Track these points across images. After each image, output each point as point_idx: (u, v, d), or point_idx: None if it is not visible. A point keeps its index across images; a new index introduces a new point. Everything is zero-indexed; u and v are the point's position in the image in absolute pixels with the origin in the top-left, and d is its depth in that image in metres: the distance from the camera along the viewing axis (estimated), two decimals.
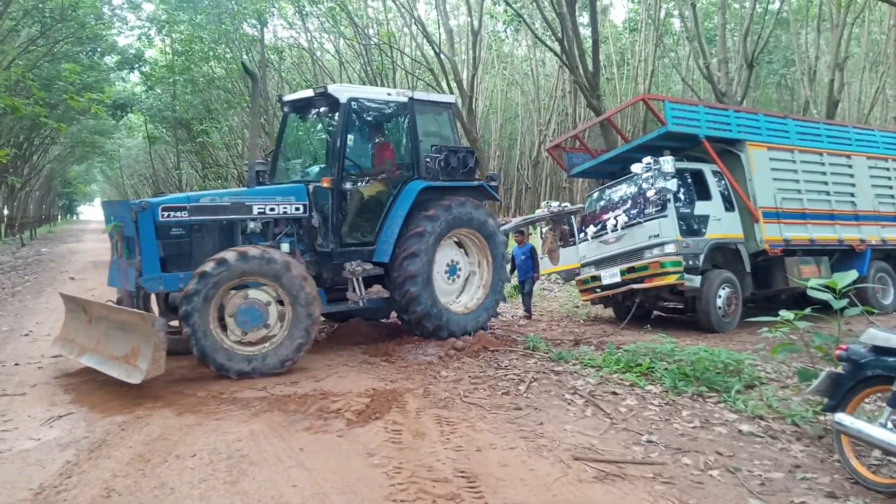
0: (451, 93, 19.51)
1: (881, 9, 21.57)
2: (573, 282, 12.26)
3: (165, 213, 6.70)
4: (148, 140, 32.76)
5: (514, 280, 11.81)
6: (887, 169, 12.22)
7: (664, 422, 5.20)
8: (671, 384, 6.07)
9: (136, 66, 26.01)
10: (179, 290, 6.49)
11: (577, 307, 12.91)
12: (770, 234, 10.49)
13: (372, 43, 23.65)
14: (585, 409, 5.53)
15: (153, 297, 7.26)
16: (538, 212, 12.63)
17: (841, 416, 4.04)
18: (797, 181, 11.10)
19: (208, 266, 6.28)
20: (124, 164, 45.46)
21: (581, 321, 11.60)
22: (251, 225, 7.33)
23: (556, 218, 11.53)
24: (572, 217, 11.80)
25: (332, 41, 27.97)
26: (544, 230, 11.78)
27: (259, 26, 23.64)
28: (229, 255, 6.37)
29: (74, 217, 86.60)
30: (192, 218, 6.88)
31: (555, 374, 6.66)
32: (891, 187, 12.17)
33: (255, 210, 7.25)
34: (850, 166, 11.75)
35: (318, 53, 28.29)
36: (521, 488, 3.94)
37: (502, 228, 10.71)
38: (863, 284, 10.30)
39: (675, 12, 25.67)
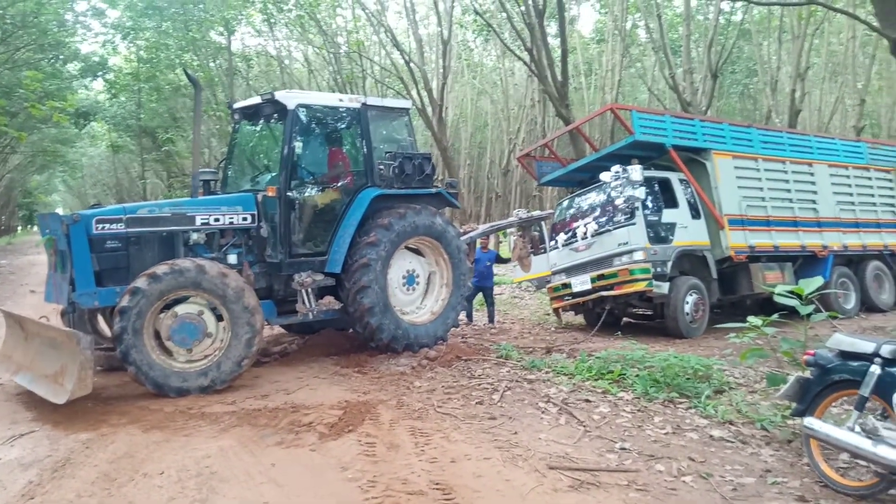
0: (422, 102, 19.52)
1: (839, 20, 22.24)
2: (544, 289, 12.32)
3: (100, 226, 6.48)
4: (112, 149, 32.15)
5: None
6: (847, 177, 12.53)
7: (637, 428, 5.23)
8: (643, 391, 6.12)
9: (100, 73, 25.55)
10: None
11: (548, 314, 12.96)
12: (735, 240, 10.68)
13: (341, 51, 23.59)
14: (559, 417, 5.55)
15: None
16: (507, 219, 12.69)
17: (810, 421, 4.10)
18: (761, 189, 11.33)
19: (124, 301, 6.05)
20: (87, 173, 44.52)
21: (552, 328, 11.64)
22: (194, 236, 7.08)
23: (525, 225, 11.58)
24: (542, 224, 11.86)
25: (301, 49, 27.81)
26: (514, 238, 11.81)
27: (226, 34, 23.40)
28: (140, 282, 6.13)
29: (35, 228, 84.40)
30: (130, 230, 6.65)
31: (528, 382, 6.67)
32: (851, 195, 12.48)
33: (199, 221, 7.04)
34: (811, 174, 12.03)
35: (287, 62, 28.12)
36: (497, 499, 3.93)
37: (467, 236, 10.72)
38: (826, 290, 10.55)
39: (641, 23, 26.09)
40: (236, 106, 8.36)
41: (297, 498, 3.96)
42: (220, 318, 6.54)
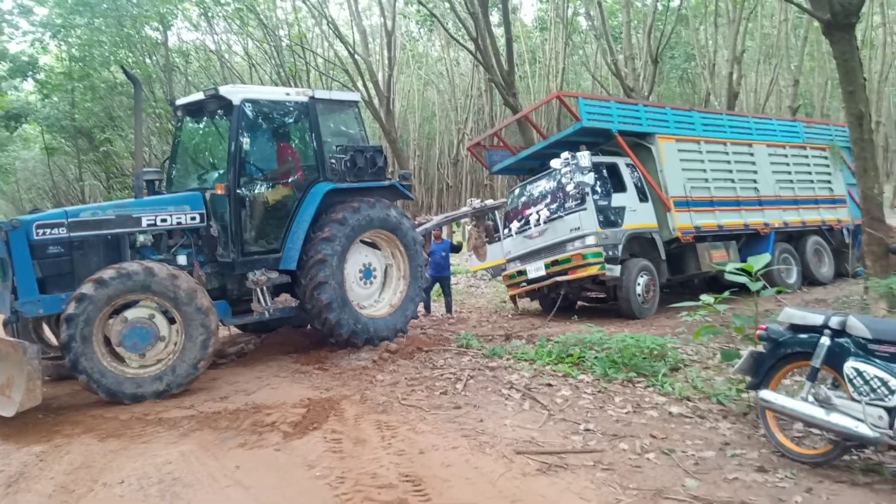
0: (368, 94, 19.34)
1: (772, 3, 22.95)
2: (500, 277, 12.41)
3: (40, 231, 6.23)
4: (46, 151, 30.85)
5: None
6: (785, 156, 13.00)
7: (599, 409, 5.33)
8: (602, 372, 6.23)
9: (30, 73, 24.43)
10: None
11: (504, 302, 13.08)
12: (682, 222, 10.98)
13: (283, 44, 23.15)
14: (523, 402, 5.60)
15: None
16: (460, 209, 12.72)
17: (765, 393, 4.25)
18: (704, 170, 11.65)
19: (71, 308, 5.81)
20: (21, 177, 42.62)
21: (509, 316, 11.75)
22: (141, 238, 6.87)
23: (479, 214, 11.64)
24: (495, 213, 11.94)
25: (241, 43, 27.20)
26: (469, 228, 11.85)
27: (162, 29, 22.69)
28: (86, 288, 5.87)
29: None
30: (73, 234, 6.40)
31: (490, 370, 6.71)
32: (789, 173, 12.94)
33: (145, 222, 6.83)
34: (751, 154, 12.43)
35: (227, 56, 27.45)
36: (467, 487, 3.94)
37: (422, 227, 10.70)
38: (769, 266, 10.94)
39: (582, 10, 26.42)
40: (179, 103, 8.11)
41: (265, 499, 3.90)
42: (172, 320, 6.36)
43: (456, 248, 12.39)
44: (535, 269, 10.83)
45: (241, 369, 7.27)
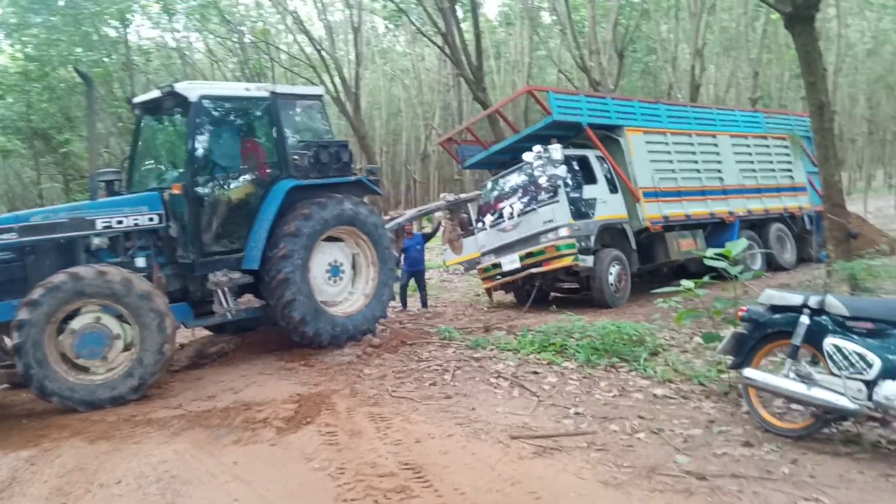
0: (336, 90, 19.26)
1: None
2: (474, 271, 12.52)
3: None
4: (0, 154, 29.94)
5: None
6: (748, 146, 13.36)
7: (586, 394, 5.48)
8: (585, 359, 6.38)
9: None
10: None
11: (479, 295, 13.19)
12: (651, 212, 11.22)
13: (246, 40, 22.88)
14: (512, 390, 5.72)
15: None
16: (433, 203, 12.79)
17: (748, 371, 4.44)
18: (671, 161, 11.92)
19: (16, 337, 5.64)
20: None
21: (485, 308, 11.86)
22: (96, 241, 6.67)
23: (453, 208, 11.71)
24: (469, 206, 12.03)
25: (203, 40, 26.78)
26: (443, 222, 11.93)
27: (122, 27, 22.21)
28: (22, 313, 5.67)
29: None
30: (24, 239, 6.23)
31: (475, 360, 6.81)
32: (752, 162, 13.31)
33: (100, 224, 6.65)
34: (716, 145, 12.75)
35: (189, 53, 27.01)
36: (467, 472, 4.03)
37: (394, 222, 10.72)
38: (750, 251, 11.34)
39: (546, 5, 26.67)
40: (136, 101, 7.91)
41: (267, 492, 3.93)
42: (120, 317, 6.20)
43: (429, 236, 12.38)
44: (510, 262, 10.96)
45: (225, 368, 7.23)
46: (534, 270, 10.55)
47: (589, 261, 10.38)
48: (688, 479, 3.76)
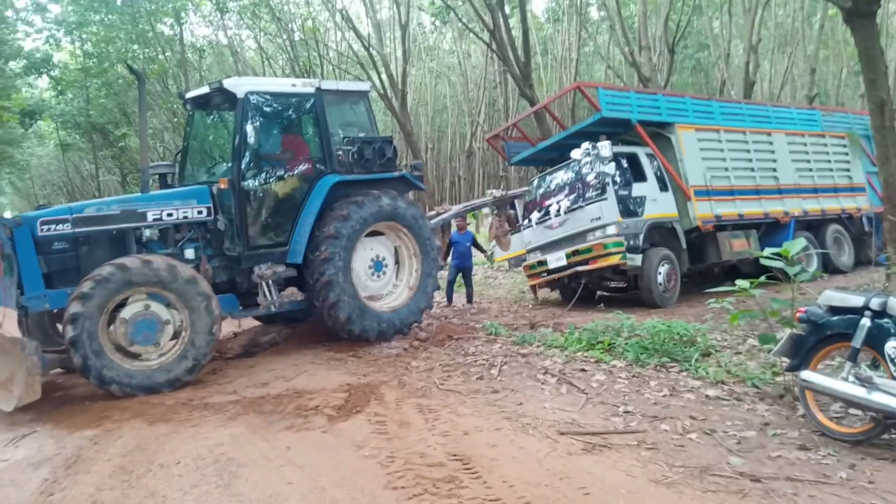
0: (383, 86, 19.42)
1: None
2: (518, 268, 12.49)
3: (45, 228, 6.28)
4: (60, 148, 31.11)
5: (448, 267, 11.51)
6: (804, 144, 13.00)
7: (635, 393, 5.43)
8: (634, 358, 6.33)
9: (45, 70, 24.65)
10: None
11: (524, 292, 13.16)
12: (702, 211, 11.01)
13: (296, 38, 23.23)
14: (559, 386, 5.71)
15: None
16: (480, 199, 12.80)
17: (806, 374, 4.34)
18: (724, 159, 11.68)
19: (70, 330, 5.80)
20: (36, 173, 43.03)
21: (530, 306, 11.84)
22: (147, 233, 6.90)
23: (500, 203, 11.71)
24: (517, 202, 12.01)
25: (255, 37, 27.31)
26: (491, 218, 11.94)
27: (178, 25, 22.82)
28: (75, 307, 5.85)
29: None
30: (77, 230, 6.45)
31: (522, 356, 6.82)
32: (808, 161, 12.95)
33: (150, 217, 6.83)
34: (770, 143, 12.44)
35: (240, 50, 27.57)
36: (515, 465, 4.05)
37: (439, 218, 10.76)
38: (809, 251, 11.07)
39: (594, 0, 26.37)
40: (188, 96, 8.13)
41: (320, 477, 4.02)
42: (166, 303, 6.40)
43: (479, 248, 12.26)
44: (556, 259, 10.90)
45: (277, 357, 7.40)
46: (580, 268, 10.48)
47: (637, 260, 10.25)
48: (741, 480, 3.71)
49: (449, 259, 11.59)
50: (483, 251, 11.77)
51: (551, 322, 9.24)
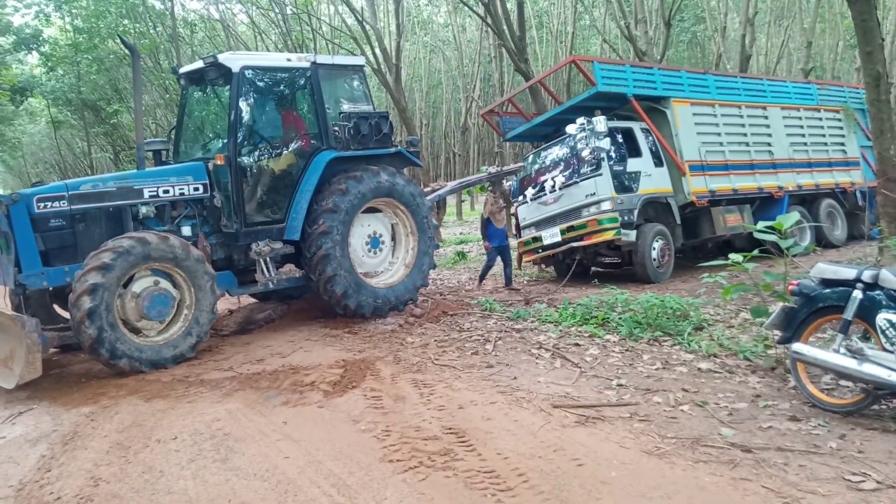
0: (376, 61, 19.23)
1: None
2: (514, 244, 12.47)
3: (41, 205, 6.25)
4: (52, 125, 30.84)
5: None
6: (799, 118, 12.97)
7: (629, 366, 5.48)
8: (628, 332, 6.38)
9: (34, 46, 24.35)
10: (67, 284, 6.13)
11: (519, 270, 13.17)
12: (697, 186, 11.02)
13: (288, 12, 22.92)
14: (553, 361, 5.75)
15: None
16: (475, 175, 12.73)
17: (798, 346, 4.38)
18: (719, 134, 11.65)
19: (86, 301, 5.75)
20: (27, 151, 42.68)
21: (524, 282, 11.87)
22: (143, 209, 6.88)
23: (496, 180, 11.66)
24: (514, 178, 11.97)
25: (247, 12, 26.95)
26: (486, 194, 11.89)
27: None
28: (93, 277, 5.81)
29: None
30: (74, 207, 6.42)
31: (516, 332, 6.86)
32: (803, 136, 12.93)
33: (147, 193, 6.82)
34: (766, 117, 12.41)
35: (232, 25, 27.20)
36: (510, 438, 4.10)
37: (435, 194, 10.71)
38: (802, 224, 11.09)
39: None
40: (182, 71, 8.03)
41: (317, 451, 4.06)
42: (174, 283, 6.45)
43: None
44: (551, 235, 10.90)
45: (273, 334, 7.43)
46: (575, 244, 10.49)
47: (631, 235, 10.27)
48: (733, 451, 3.76)
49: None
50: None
51: (546, 298, 9.29)
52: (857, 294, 4.12)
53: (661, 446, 3.86)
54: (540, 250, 11.24)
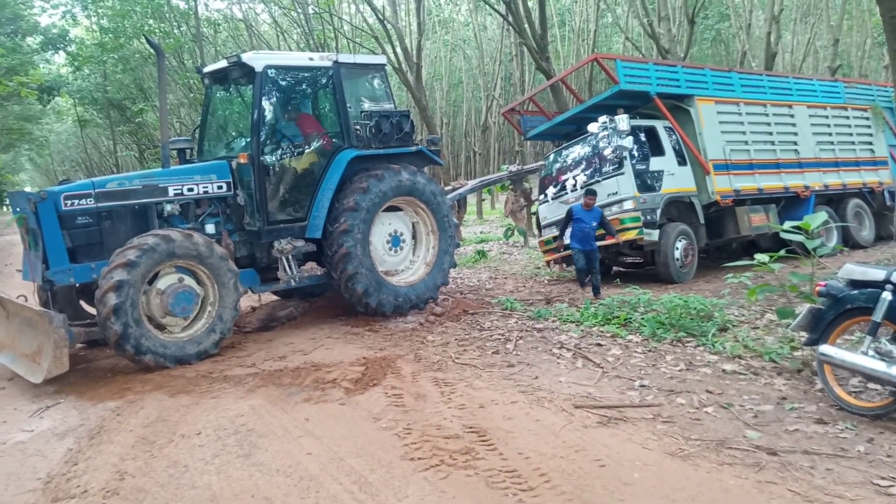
0: (398, 60, 19.27)
1: None
2: (534, 243, 12.43)
3: (68, 202, 6.33)
4: (79, 124, 31.35)
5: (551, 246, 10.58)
6: (826, 117, 12.76)
7: (651, 367, 5.44)
8: (650, 332, 6.32)
9: (61, 46, 24.77)
10: (94, 281, 6.21)
11: (539, 268, 13.13)
12: (721, 185, 10.89)
13: (310, 11, 23.06)
14: (575, 361, 5.73)
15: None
16: (496, 174, 12.72)
17: (825, 348, 4.31)
18: (744, 133, 11.50)
19: (111, 298, 5.81)
20: (54, 150, 43.45)
21: (545, 281, 11.80)
22: (168, 207, 6.95)
23: (516, 178, 11.62)
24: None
25: (269, 11, 27.17)
26: (507, 192, 11.87)
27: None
28: (119, 273, 5.86)
29: (4, 209, 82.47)
30: (100, 205, 6.52)
31: (537, 331, 6.84)
32: (830, 134, 12.72)
33: (171, 191, 6.90)
34: (791, 116, 12.23)
35: (254, 25, 27.44)
36: (531, 438, 4.09)
37: (456, 193, 10.70)
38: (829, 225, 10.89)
39: None
40: (206, 70, 8.11)
41: (338, 448, 4.08)
42: (198, 280, 6.52)
43: (605, 225, 9.72)
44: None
45: (295, 331, 7.48)
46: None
47: (654, 235, 10.17)
48: (758, 453, 3.72)
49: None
50: (613, 234, 9.70)
51: (567, 297, 9.23)
52: (887, 295, 4.05)
53: (685, 448, 3.83)
54: (561, 249, 11.18)
